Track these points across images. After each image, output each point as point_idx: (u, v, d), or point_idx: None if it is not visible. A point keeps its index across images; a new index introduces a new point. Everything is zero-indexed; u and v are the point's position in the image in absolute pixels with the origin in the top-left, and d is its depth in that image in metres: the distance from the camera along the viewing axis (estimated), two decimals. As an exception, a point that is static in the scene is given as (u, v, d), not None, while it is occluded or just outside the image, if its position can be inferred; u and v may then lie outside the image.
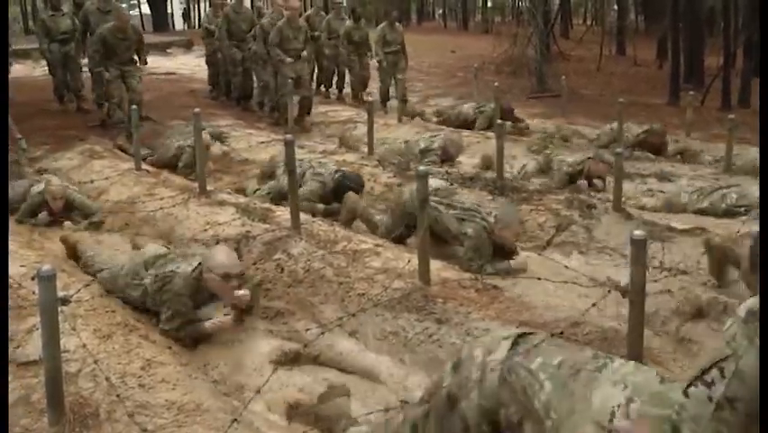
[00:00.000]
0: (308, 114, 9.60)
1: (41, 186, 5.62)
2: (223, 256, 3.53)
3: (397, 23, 11.26)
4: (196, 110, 6.01)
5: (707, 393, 1.59)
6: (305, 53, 9.52)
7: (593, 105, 12.01)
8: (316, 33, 11.34)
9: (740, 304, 1.63)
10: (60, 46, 9.44)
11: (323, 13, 12.69)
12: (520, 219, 4.46)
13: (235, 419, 2.67)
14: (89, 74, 9.32)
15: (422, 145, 7.42)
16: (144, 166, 6.83)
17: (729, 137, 6.91)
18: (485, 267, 4.25)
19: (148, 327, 3.65)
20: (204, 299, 3.63)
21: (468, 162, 7.38)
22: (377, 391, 3.13)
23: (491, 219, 4.33)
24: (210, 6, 12.14)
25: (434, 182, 4.67)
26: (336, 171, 5.72)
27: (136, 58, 8.75)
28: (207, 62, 11.59)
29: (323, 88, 12.39)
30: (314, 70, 12.15)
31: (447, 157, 7.23)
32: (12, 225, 5.24)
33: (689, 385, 1.64)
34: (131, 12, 33.45)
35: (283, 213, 5.15)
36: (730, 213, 5.29)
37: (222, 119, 9.55)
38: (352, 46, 11.40)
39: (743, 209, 5.26)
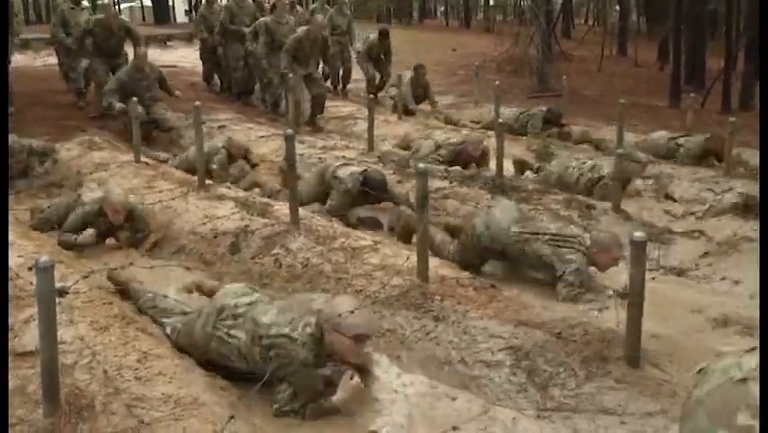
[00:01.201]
0: (321, 112, 9.47)
1: (93, 194, 5.09)
2: (355, 315, 2.92)
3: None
4: (197, 103, 5.99)
5: None
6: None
7: (594, 106, 11.99)
8: None
9: None
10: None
11: (327, 6, 12.65)
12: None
13: (232, 417, 2.67)
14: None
15: (440, 143, 7.23)
16: (143, 159, 6.80)
17: (730, 140, 6.90)
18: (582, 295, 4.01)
19: (145, 319, 3.65)
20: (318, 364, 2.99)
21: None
22: (372, 389, 3.12)
23: (588, 242, 4.14)
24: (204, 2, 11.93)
25: (508, 203, 4.62)
26: (359, 173, 5.45)
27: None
28: (202, 59, 11.48)
29: (329, 84, 12.37)
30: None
31: (466, 156, 6.94)
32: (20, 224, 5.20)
33: None
34: (132, 5, 33.37)
35: (282, 207, 5.14)
36: None
37: (222, 113, 9.53)
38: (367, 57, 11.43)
39: None
